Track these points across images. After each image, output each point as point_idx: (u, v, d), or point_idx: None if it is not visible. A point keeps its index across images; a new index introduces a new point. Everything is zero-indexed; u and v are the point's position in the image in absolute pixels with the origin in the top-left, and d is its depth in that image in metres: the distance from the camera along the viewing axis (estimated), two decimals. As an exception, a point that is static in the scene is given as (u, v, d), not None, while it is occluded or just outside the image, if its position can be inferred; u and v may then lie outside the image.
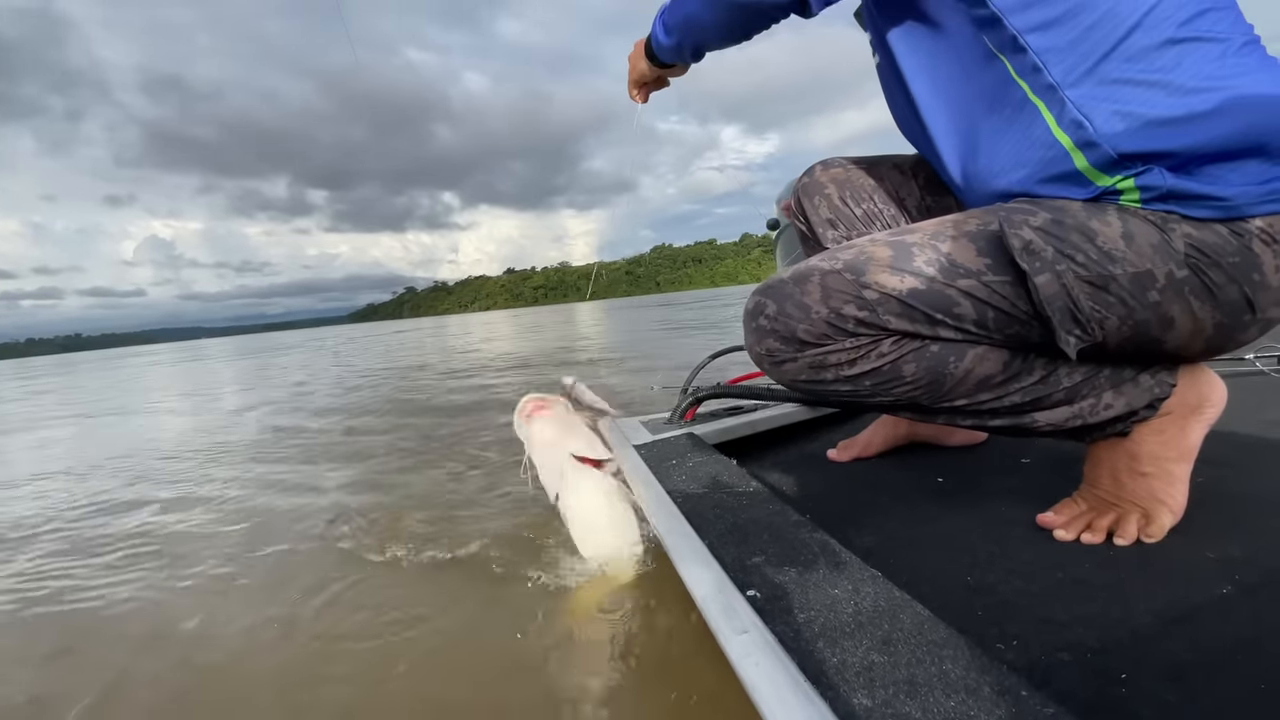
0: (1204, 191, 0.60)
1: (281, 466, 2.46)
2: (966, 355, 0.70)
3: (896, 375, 0.72)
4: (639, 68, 1.01)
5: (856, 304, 0.69)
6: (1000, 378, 0.72)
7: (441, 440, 2.63)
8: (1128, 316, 0.64)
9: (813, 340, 0.72)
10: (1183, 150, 0.59)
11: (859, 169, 0.97)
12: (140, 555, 1.59)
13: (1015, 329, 0.68)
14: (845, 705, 0.41)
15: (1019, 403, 0.73)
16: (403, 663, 0.97)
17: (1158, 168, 0.61)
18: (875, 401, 0.76)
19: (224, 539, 1.65)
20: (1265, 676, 0.49)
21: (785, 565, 0.63)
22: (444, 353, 8.79)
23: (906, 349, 0.71)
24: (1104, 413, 0.72)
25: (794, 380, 0.77)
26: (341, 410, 3.87)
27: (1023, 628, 0.60)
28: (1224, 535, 0.70)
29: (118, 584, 1.41)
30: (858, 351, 0.71)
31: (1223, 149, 0.59)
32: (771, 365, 0.77)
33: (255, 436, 3.22)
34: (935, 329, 0.69)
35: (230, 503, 2.00)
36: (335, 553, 1.45)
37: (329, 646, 1.04)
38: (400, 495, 1.86)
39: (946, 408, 0.75)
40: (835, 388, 0.75)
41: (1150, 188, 0.62)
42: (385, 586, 1.24)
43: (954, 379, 0.71)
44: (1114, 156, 0.61)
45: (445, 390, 4.41)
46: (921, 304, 0.68)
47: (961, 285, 0.67)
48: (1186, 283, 0.62)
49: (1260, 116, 0.58)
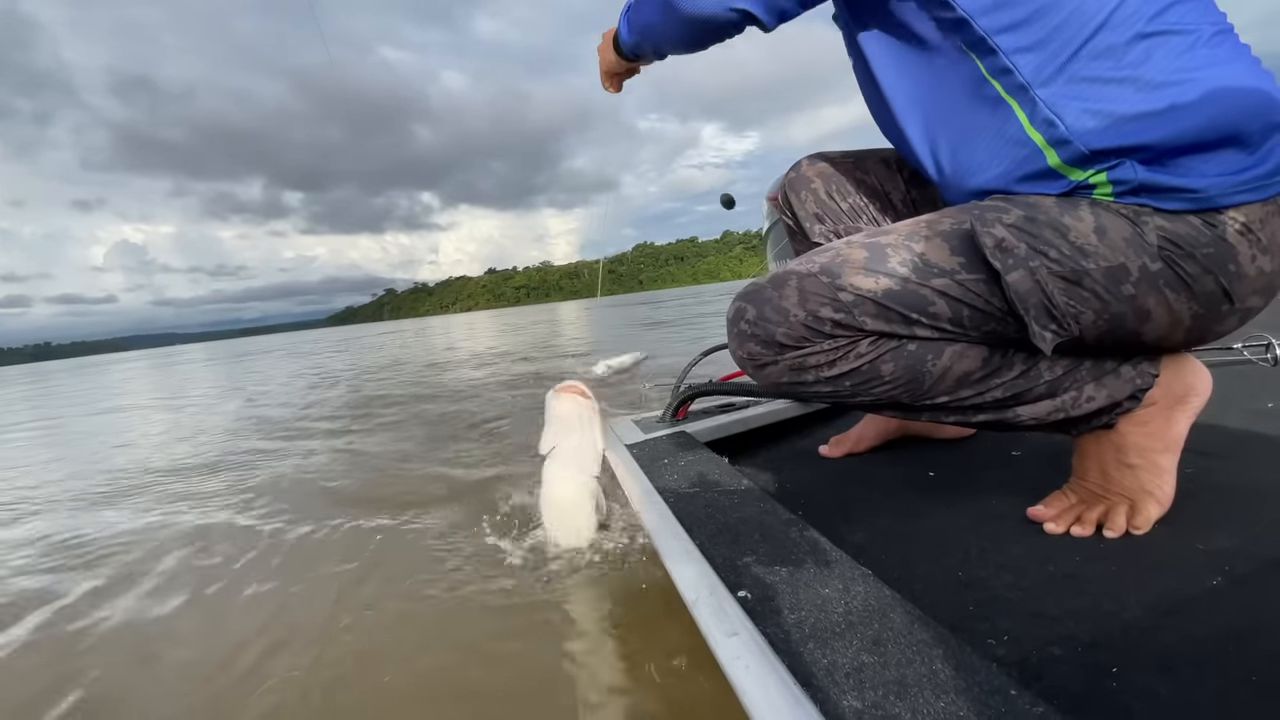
0: (1176, 184, 0.60)
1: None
2: (944, 353, 0.71)
3: (875, 375, 0.72)
4: (608, 58, 1.00)
5: (833, 306, 0.70)
6: (980, 374, 0.72)
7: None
8: (1103, 310, 0.64)
9: (791, 343, 0.73)
10: (1154, 144, 0.60)
11: (845, 163, 0.97)
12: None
13: (991, 326, 0.69)
14: (835, 708, 0.41)
15: (1001, 398, 0.73)
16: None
17: (1129, 161, 0.61)
18: (857, 401, 0.76)
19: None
20: (1256, 668, 0.49)
21: (776, 565, 0.62)
22: (435, 350, 8.75)
23: (884, 349, 0.71)
24: (1086, 405, 0.72)
25: (777, 383, 0.77)
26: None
27: (1014, 623, 0.60)
28: (1213, 526, 0.70)
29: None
30: (836, 353, 0.72)
31: (1195, 141, 0.59)
32: (754, 369, 0.78)
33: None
34: (911, 328, 0.70)
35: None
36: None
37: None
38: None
39: (929, 405, 0.75)
40: (817, 389, 0.75)
41: (1122, 181, 0.62)
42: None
43: (933, 377, 0.72)
44: (1086, 153, 0.62)
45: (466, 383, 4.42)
46: (896, 304, 0.68)
47: (936, 285, 0.67)
48: (1161, 275, 0.62)
49: (1231, 107, 0.58)
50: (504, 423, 2.88)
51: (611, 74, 1.02)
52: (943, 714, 0.39)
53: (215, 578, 1.41)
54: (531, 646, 0.98)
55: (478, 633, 1.04)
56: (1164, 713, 0.47)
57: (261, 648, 1.07)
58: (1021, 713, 0.38)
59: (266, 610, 1.22)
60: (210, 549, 1.60)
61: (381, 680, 0.94)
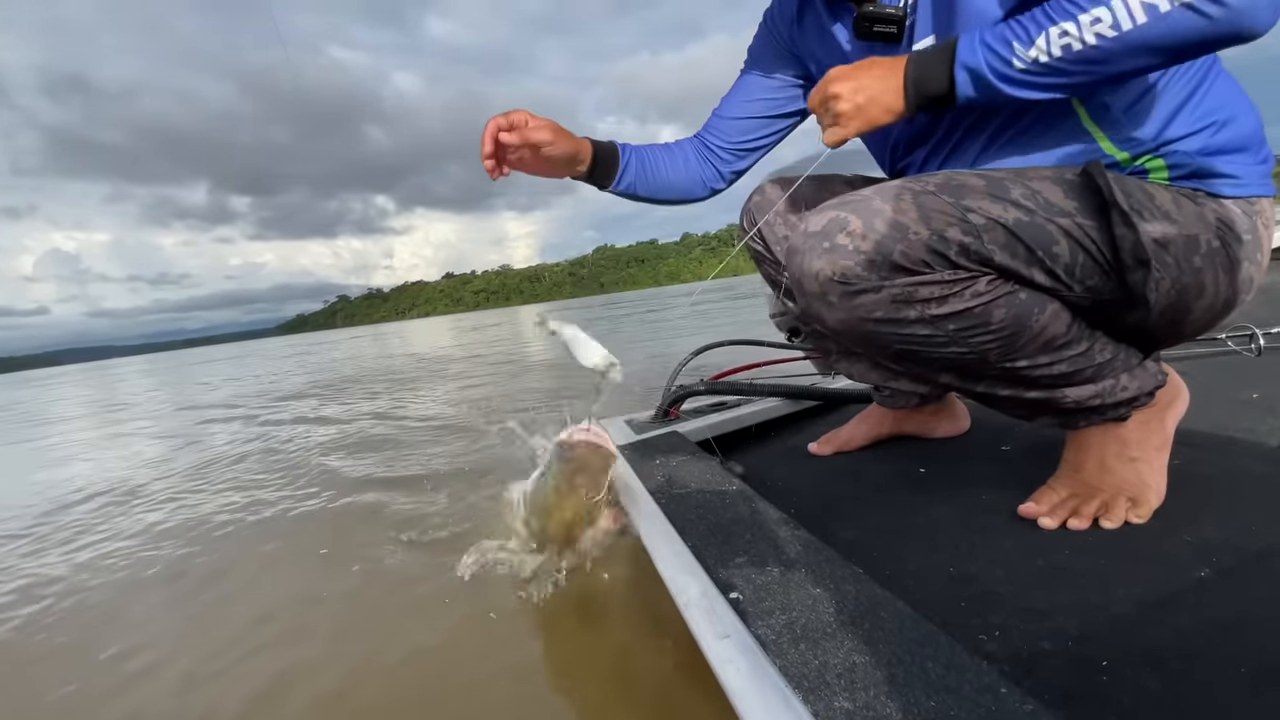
0: (1226, 170, 0.64)
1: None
2: (1047, 309, 0.67)
3: (985, 321, 0.66)
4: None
5: (961, 228, 0.63)
6: (1062, 340, 0.69)
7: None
8: (1177, 280, 0.65)
9: (908, 266, 0.64)
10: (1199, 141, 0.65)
11: (809, 183, 0.96)
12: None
13: (1095, 280, 0.66)
14: (826, 708, 0.41)
15: (1064, 373, 0.71)
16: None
17: (1182, 150, 0.65)
18: (940, 354, 0.70)
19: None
20: (1244, 660, 0.50)
21: (768, 565, 0.62)
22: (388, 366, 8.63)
23: (1000, 291, 0.66)
24: (1120, 394, 0.73)
25: (862, 318, 0.68)
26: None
27: (1005, 618, 0.60)
28: (1200, 518, 0.71)
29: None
30: (954, 286, 0.65)
31: (1225, 146, 0.65)
32: (842, 296, 0.67)
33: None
34: (1031, 269, 0.65)
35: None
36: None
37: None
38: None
39: (1004, 370, 0.71)
40: (909, 330, 0.68)
41: (1179, 165, 0.65)
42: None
43: (1031, 332, 0.67)
44: (1147, 143, 0.66)
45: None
46: (1026, 236, 0.64)
47: (1060, 223, 0.64)
48: (1218, 254, 0.65)
49: (1251, 117, 0.66)
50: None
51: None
52: (933, 714, 0.39)
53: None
54: (513, 651, 0.97)
55: (458, 630, 1.02)
56: (1154, 706, 0.47)
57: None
58: (1011, 710, 0.38)
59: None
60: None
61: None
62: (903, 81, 0.66)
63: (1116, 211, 0.62)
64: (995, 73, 0.61)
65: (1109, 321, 0.71)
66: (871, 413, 1.16)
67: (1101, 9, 0.55)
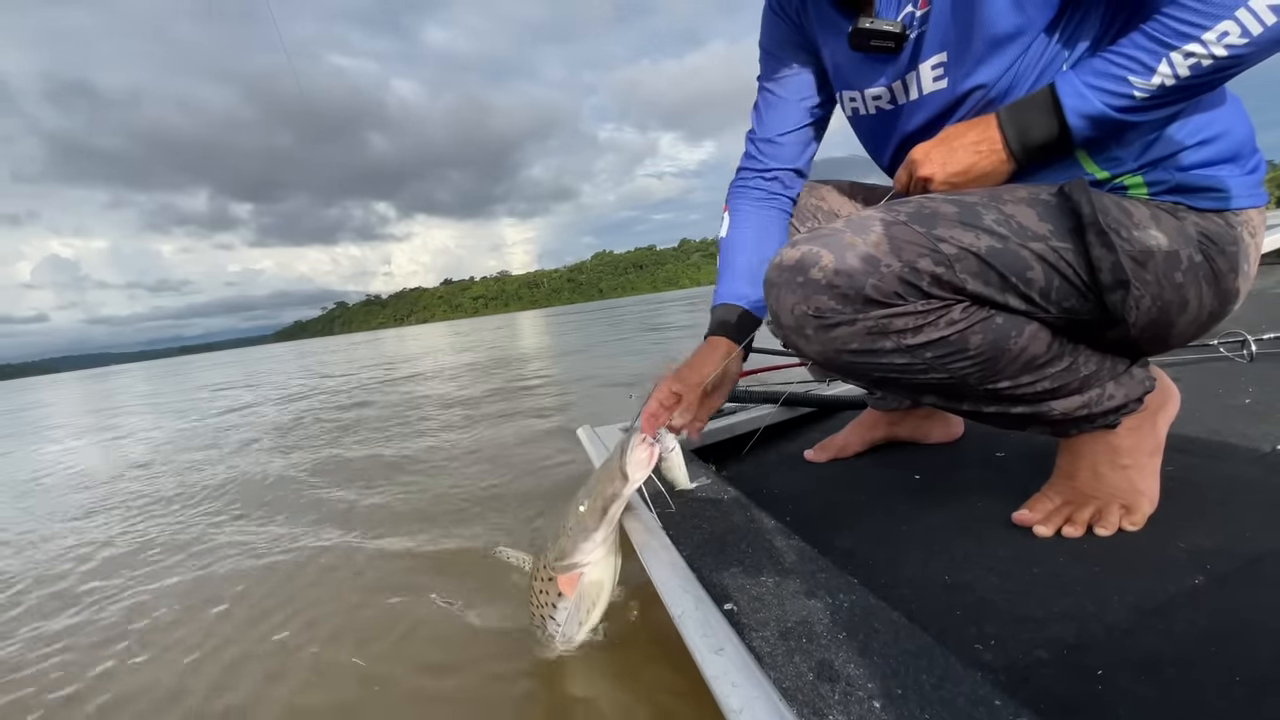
0: (1208, 184, 0.64)
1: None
2: (1025, 331, 0.67)
3: (962, 347, 0.66)
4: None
5: (932, 258, 0.63)
6: (1043, 359, 0.69)
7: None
8: (1158, 297, 0.65)
9: (880, 299, 0.64)
10: (1184, 156, 0.65)
11: (806, 193, 0.97)
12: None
13: (1072, 302, 0.66)
14: (821, 722, 0.40)
15: (1048, 389, 0.71)
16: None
17: (1162, 166, 0.65)
18: (920, 380, 0.70)
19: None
20: (1238, 668, 0.50)
21: (763, 575, 0.62)
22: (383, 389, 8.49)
23: (976, 318, 0.65)
24: (1107, 403, 0.73)
25: (839, 350, 0.68)
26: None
27: (1000, 626, 0.60)
28: (1193, 525, 0.71)
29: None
30: (928, 316, 0.65)
31: (1215, 158, 0.65)
32: (817, 329, 0.67)
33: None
34: (1005, 295, 0.65)
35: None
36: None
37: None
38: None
39: (988, 390, 0.71)
40: (887, 360, 0.68)
41: (1159, 182, 0.65)
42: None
43: (1010, 355, 0.67)
44: (1126, 161, 0.66)
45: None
46: (998, 263, 0.63)
47: (1034, 248, 0.64)
48: (1200, 268, 0.65)
49: (1244, 129, 0.66)
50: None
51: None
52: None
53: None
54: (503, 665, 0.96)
55: (455, 646, 1.02)
56: (1150, 714, 0.47)
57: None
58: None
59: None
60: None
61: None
62: (1000, 139, 0.67)
63: (1094, 232, 0.62)
64: (1117, 109, 0.61)
65: (1090, 338, 0.70)
66: (866, 418, 1.16)
67: (1226, 23, 0.54)
